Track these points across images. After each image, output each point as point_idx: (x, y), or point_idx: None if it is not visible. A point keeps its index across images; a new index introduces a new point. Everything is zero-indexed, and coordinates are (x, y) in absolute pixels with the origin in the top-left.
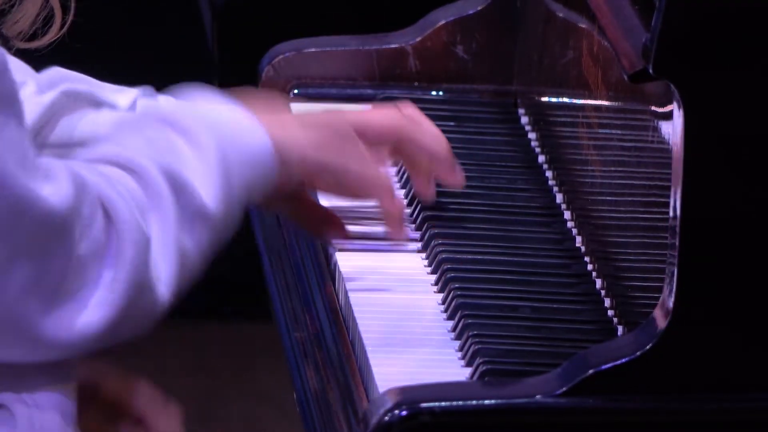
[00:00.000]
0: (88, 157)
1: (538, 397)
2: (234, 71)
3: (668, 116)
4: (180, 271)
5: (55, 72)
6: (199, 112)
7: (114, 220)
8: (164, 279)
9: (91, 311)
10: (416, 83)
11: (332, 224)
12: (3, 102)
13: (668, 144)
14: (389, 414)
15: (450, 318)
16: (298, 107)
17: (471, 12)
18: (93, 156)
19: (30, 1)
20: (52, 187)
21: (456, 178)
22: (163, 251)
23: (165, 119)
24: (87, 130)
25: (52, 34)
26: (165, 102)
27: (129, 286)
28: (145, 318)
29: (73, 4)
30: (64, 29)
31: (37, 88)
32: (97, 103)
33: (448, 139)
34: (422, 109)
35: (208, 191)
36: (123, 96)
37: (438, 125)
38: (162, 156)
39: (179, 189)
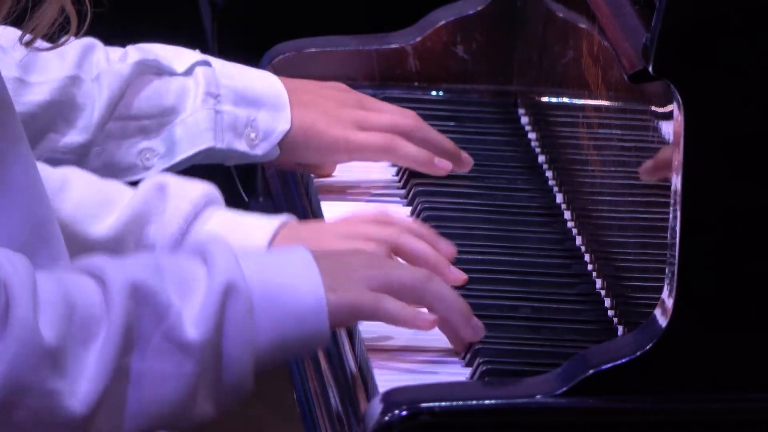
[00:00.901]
0: (80, 262)
1: (538, 397)
2: None
3: (668, 116)
4: (117, 394)
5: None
6: (258, 254)
7: (9, 314)
8: (81, 394)
9: None
10: (416, 83)
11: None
12: None
13: (668, 144)
14: (389, 414)
15: None
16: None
17: (471, 12)
18: (83, 262)
19: (49, 8)
20: None
21: (472, 334)
22: (93, 367)
23: (204, 253)
24: (156, 99)
25: (71, 34)
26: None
27: (3, 384)
28: (42, 427)
29: (89, 10)
30: (81, 34)
31: (106, 52)
32: (161, 71)
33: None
34: (422, 109)
35: (193, 323)
36: (178, 60)
37: (438, 125)
38: (158, 279)
39: (152, 311)
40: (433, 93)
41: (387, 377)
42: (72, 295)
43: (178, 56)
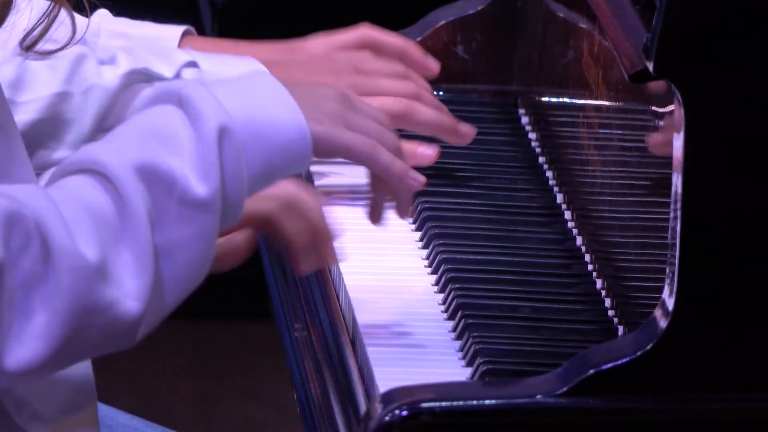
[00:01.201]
0: (62, 166)
1: (538, 397)
2: None
3: (668, 116)
4: (160, 275)
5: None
6: (217, 82)
7: (50, 250)
8: (133, 292)
9: (30, 343)
10: None
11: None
12: None
13: (668, 143)
14: (389, 414)
15: (450, 318)
16: None
17: (471, 12)
18: (67, 163)
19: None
20: None
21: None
22: (133, 263)
23: (173, 92)
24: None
25: (68, 41)
26: (207, 65)
27: (69, 315)
28: (112, 334)
29: (89, 12)
30: (81, 36)
31: (96, 61)
32: (149, 78)
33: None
34: None
35: (199, 178)
36: (167, 65)
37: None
38: (144, 149)
39: (160, 185)
40: (433, 93)
41: (387, 377)
42: (88, 202)
43: (166, 58)
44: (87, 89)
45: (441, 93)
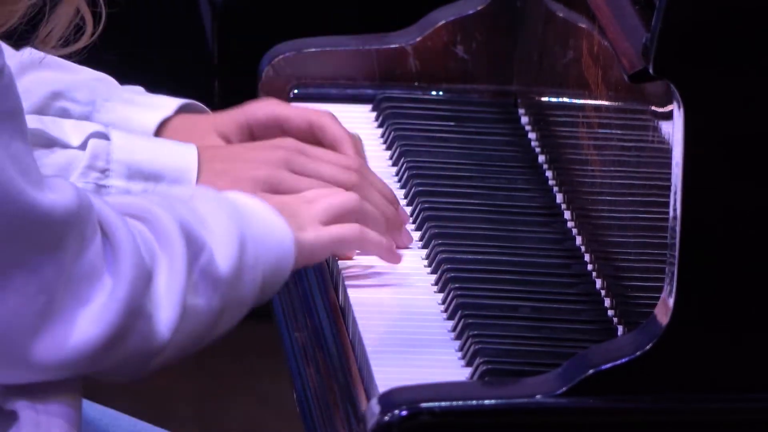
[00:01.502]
0: (117, 204)
1: (538, 397)
2: (234, 71)
3: (668, 116)
4: (183, 323)
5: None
6: (209, 196)
7: (113, 243)
8: (165, 320)
9: (83, 328)
10: (416, 83)
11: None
12: (11, 116)
13: (668, 144)
14: (389, 414)
15: (450, 318)
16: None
17: (471, 12)
18: (121, 204)
19: (63, 10)
20: (55, 196)
21: (405, 244)
22: (167, 294)
23: (178, 197)
24: None
25: (84, 42)
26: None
27: (126, 306)
28: (140, 352)
29: (104, 12)
30: (95, 36)
31: None
32: (49, 143)
33: (448, 138)
34: (422, 109)
35: (223, 256)
36: (77, 131)
37: (438, 125)
38: (179, 212)
39: (194, 246)
40: (433, 93)
41: (387, 377)
42: (138, 229)
43: (77, 128)
44: None
45: (441, 93)
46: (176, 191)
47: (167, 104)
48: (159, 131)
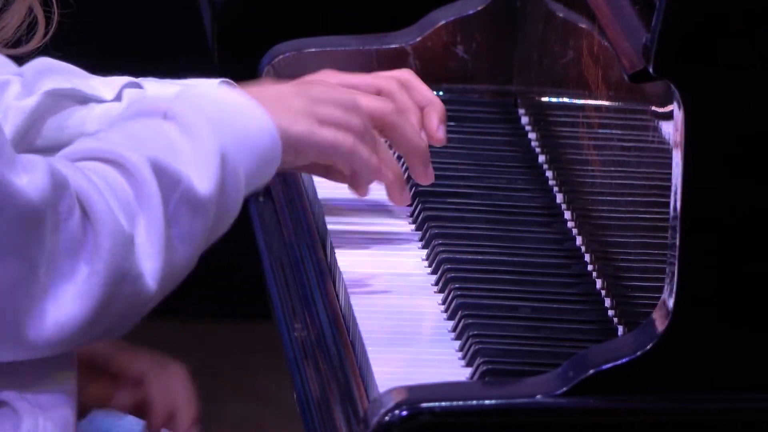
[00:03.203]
0: (71, 153)
1: (538, 397)
2: (234, 71)
3: (668, 116)
4: (168, 263)
5: (41, 64)
6: (193, 98)
7: (90, 215)
8: (150, 272)
9: (68, 305)
10: None
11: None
12: None
13: (668, 144)
14: (389, 414)
15: (450, 318)
16: None
17: (471, 12)
18: (76, 151)
19: (15, 9)
20: (29, 178)
21: (425, 178)
22: (149, 245)
23: (156, 108)
24: (76, 128)
25: (36, 41)
26: (153, 88)
27: (107, 277)
28: (130, 311)
29: (56, 13)
30: (47, 37)
31: (22, 88)
32: (83, 99)
33: (448, 139)
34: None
35: (201, 179)
36: (108, 87)
37: None
38: (150, 148)
39: (168, 181)
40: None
41: (387, 377)
42: (112, 184)
43: (108, 84)
44: (5, 113)
45: (441, 93)
46: (156, 99)
47: (209, 81)
48: None
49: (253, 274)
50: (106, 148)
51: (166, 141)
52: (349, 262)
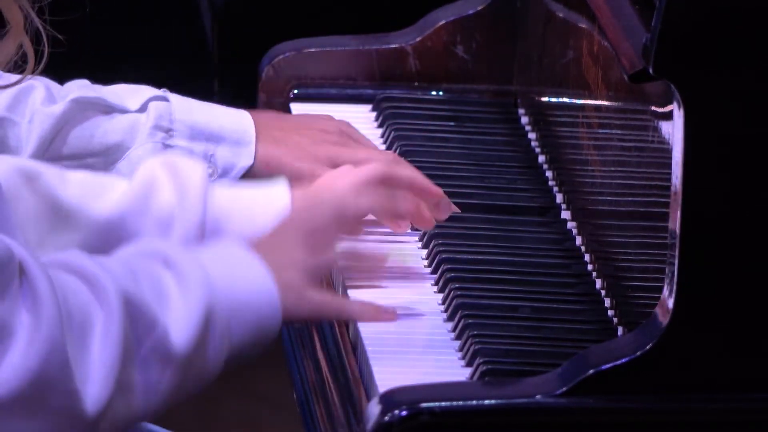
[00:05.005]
0: (60, 260)
1: (538, 397)
2: (234, 71)
3: (668, 116)
4: (123, 403)
5: (75, 83)
6: (205, 252)
7: (40, 312)
8: (91, 397)
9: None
10: (416, 83)
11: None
12: None
13: (668, 144)
14: (389, 414)
15: (450, 318)
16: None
17: (471, 12)
18: (67, 262)
19: (6, 44)
20: None
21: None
22: (95, 371)
23: (159, 252)
24: (100, 138)
25: (27, 73)
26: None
27: (35, 370)
28: (64, 425)
29: (47, 51)
30: (40, 67)
31: (47, 92)
32: (108, 108)
33: (448, 139)
34: (422, 109)
35: (179, 332)
36: (134, 97)
37: (438, 125)
38: (137, 285)
39: (144, 323)
40: (433, 93)
41: (387, 377)
42: (74, 296)
43: (133, 94)
44: (31, 118)
45: (441, 93)
46: (164, 244)
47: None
48: None
49: None
50: (89, 270)
51: (157, 286)
52: (348, 262)
